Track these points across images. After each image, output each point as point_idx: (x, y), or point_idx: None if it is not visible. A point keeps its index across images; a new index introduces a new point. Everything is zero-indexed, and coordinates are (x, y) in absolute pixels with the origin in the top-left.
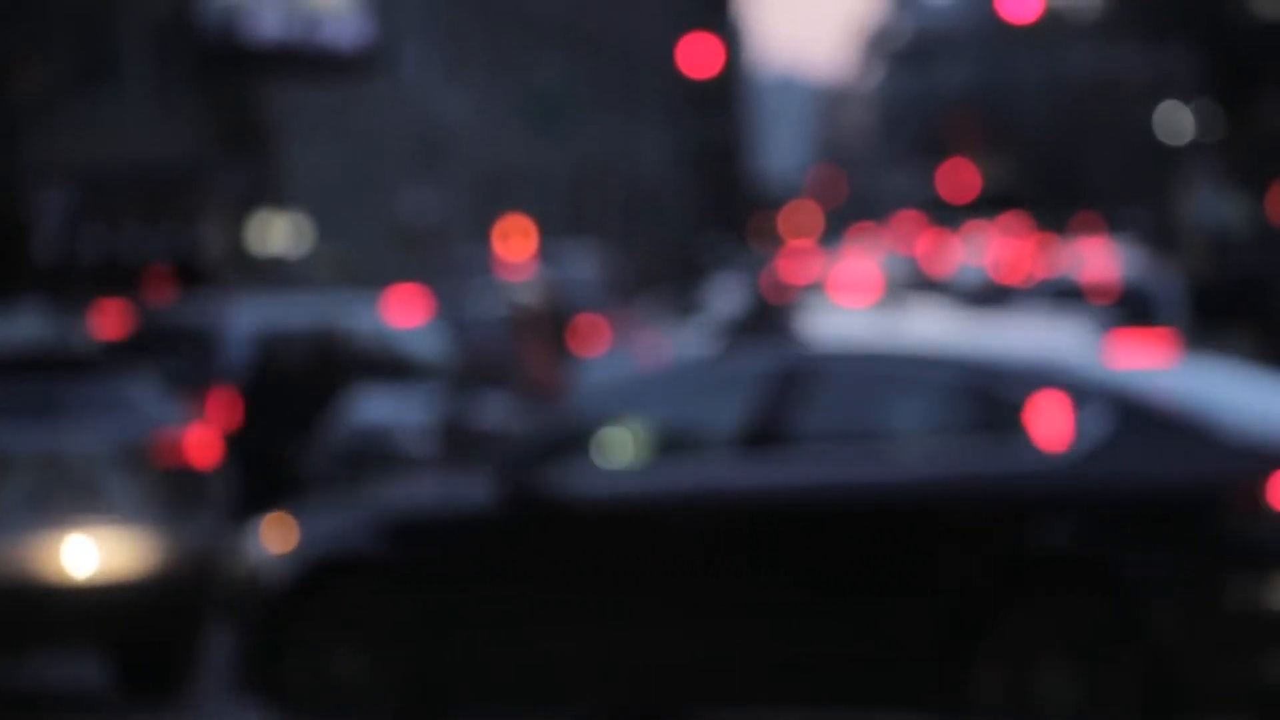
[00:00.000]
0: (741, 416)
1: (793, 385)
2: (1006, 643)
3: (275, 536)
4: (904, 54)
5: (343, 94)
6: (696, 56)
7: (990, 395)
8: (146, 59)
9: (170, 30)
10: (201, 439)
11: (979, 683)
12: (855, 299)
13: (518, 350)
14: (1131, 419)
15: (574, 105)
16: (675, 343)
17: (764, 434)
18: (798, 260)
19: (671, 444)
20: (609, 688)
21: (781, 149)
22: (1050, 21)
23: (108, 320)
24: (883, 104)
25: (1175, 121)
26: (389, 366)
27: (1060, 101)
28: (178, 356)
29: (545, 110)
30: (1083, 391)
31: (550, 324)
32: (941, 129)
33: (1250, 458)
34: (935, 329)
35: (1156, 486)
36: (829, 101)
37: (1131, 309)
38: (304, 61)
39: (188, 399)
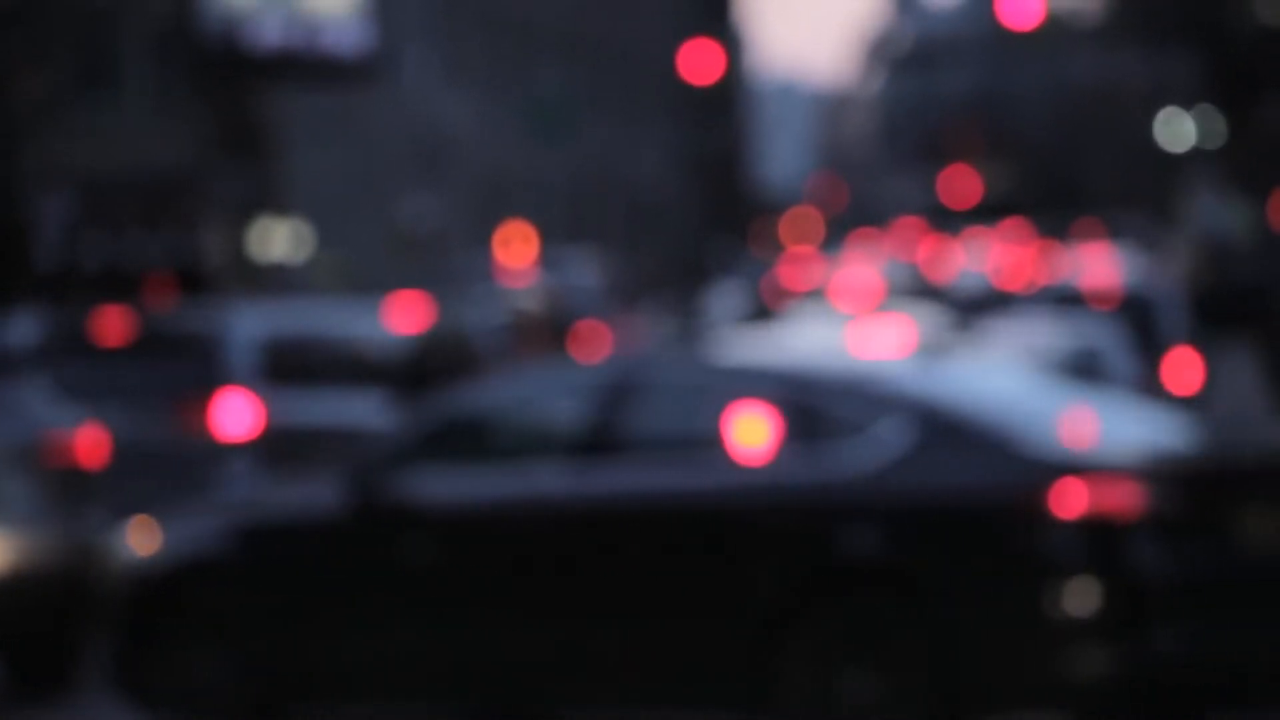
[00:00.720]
0: (576, 424)
1: (623, 395)
2: (813, 646)
3: (140, 539)
4: (905, 60)
5: (343, 100)
6: (697, 62)
7: (803, 406)
8: (147, 65)
9: (171, 36)
10: (90, 440)
11: (786, 684)
12: (856, 305)
13: (519, 356)
14: (934, 429)
15: (574, 113)
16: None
17: (596, 442)
18: (798, 266)
19: (514, 450)
20: (450, 686)
21: (782, 155)
22: (1051, 27)
23: (108, 326)
24: (884, 110)
25: (1176, 128)
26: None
27: (1061, 108)
28: (179, 363)
29: (545, 118)
30: (888, 403)
31: (551, 330)
32: (942, 135)
33: (1039, 468)
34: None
35: (955, 495)
36: (830, 107)
37: (1132, 315)
38: (304, 67)
39: (191, 405)
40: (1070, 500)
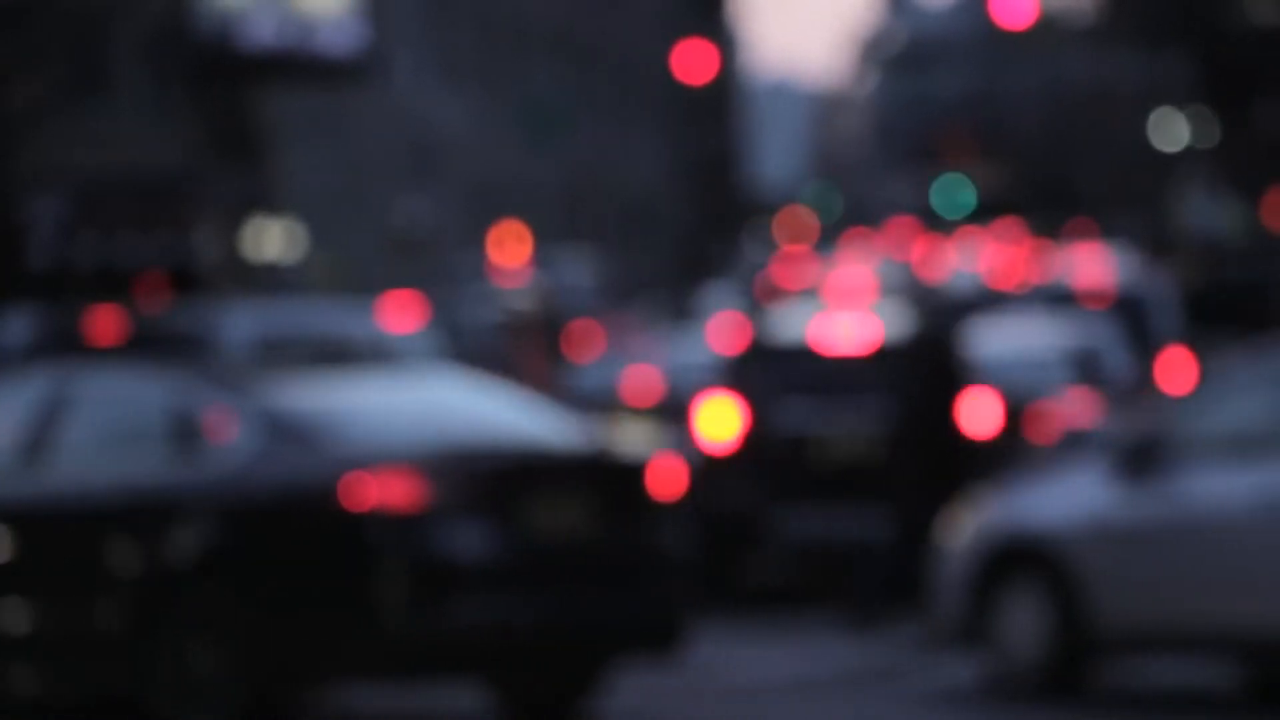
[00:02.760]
0: (18, 430)
1: (54, 404)
2: (175, 629)
3: None
4: (898, 60)
5: (337, 100)
6: (691, 62)
7: (182, 415)
8: (141, 66)
9: (165, 38)
10: None
11: (160, 665)
12: (850, 304)
13: (512, 355)
14: (279, 433)
15: (568, 115)
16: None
17: (31, 445)
18: (793, 265)
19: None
20: None
21: (776, 155)
22: (1044, 27)
23: (102, 326)
24: (877, 110)
25: (1169, 127)
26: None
27: (1054, 107)
28: None
29: (539, 121)
30: (241, 410)
31: (545, 329)
32: (936, 135)
33: (342, 464)
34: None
35: (280, 493)
36: (823, 108)
37: (1125, 315)
38: (298, 68)
39: None
40: (360, 493)
